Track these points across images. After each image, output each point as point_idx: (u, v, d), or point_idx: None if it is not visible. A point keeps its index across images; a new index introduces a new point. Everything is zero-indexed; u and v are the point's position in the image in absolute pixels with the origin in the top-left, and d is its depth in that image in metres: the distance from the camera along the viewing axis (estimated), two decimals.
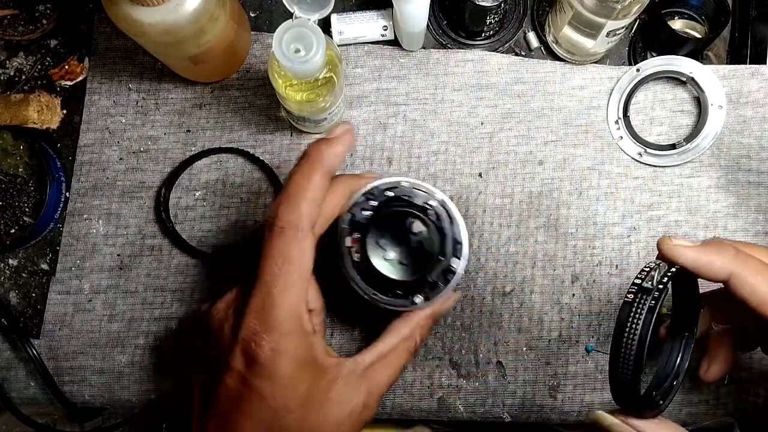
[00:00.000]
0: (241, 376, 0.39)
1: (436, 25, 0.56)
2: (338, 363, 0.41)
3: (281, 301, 0.38)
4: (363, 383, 0.41)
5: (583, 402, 0.52)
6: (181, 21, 0.43)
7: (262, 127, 0.56)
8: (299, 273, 0.39)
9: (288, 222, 0.38)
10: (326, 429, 0.40)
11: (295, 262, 0.38)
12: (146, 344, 0.54)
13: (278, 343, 0.38)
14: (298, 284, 0.39)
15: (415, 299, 0.43)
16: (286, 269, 0.38)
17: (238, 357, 0.38)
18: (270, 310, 0.38)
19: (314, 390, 0.39)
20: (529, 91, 0.55)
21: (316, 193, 0.39)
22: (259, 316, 0.38)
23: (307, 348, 0.39)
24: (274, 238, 0.38)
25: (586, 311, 0.53)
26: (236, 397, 0.39)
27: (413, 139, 0.55)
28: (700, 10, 0.55)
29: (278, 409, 0.38)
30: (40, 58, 0.57)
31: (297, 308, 0.39)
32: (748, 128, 0.54)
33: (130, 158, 0.56)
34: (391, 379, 0.43)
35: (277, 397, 0.38)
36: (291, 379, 0.38)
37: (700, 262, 0.37)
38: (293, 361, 0.39)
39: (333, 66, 0.46)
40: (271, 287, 0.38)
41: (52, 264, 0.55)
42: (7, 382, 0.54)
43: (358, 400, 0.41)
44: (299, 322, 0.39)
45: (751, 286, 0.36)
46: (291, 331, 0.38)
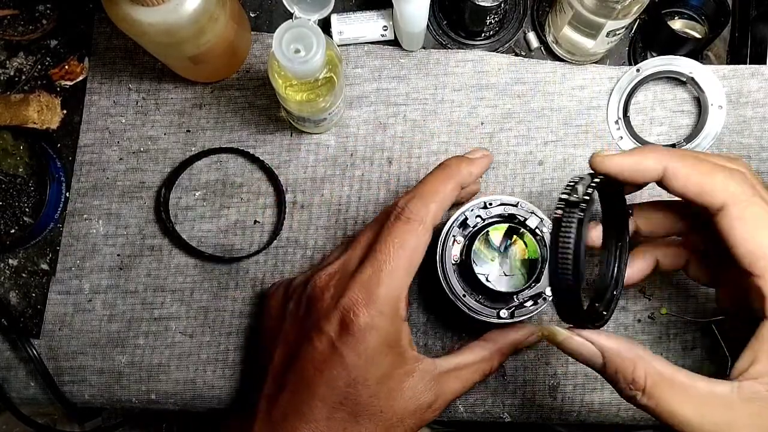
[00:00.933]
0: (330, 341, 0.41)
1: (436, 25, 0.56)
2: (418, 358, 0.43)
3: (387, 281, 0.41)
4: (435, 385, 0.43)
5: (583, 402, 0.52)
6: (181, 21, 0.43)
7: (262, 127, 0.56)
8: (410, 261, 0.42)
9: (415, 215, 0.42)
10: (392, 415, 0.42)
11: (410, 250, 0.41)
12: (146, 344, 0.54)
13: (374, 318, 0.41)
14: (406, 271, 0.41)
15: (501, 312, 0.44)
16: (399, 254, 0.41)
17: (334, 323, 0.41)
18: (375, 287, 0.41)
19: (392, 374, 0.42)
20: (529, 91, 0.55)
21: (445, 199, 0.43)
22: (364, 289, 0.41)
23: (396, 332, 0.42)
24: (398, 225, 0.42)
25: None
26: (320, 361, 0.41)
27: (413, 139, 0.55)
28: (700, 10, 0.55)
29: (356, 381, 0.41)
30: (40, 58, 0.57)
31: (398, 292, 0.41)
32: (748, 128, 0.54)
33: (130, 158, 0.56)
34: (460, 392, 0.45)
35: (358, 370, 0.41)
36: (375, 357, 0.41)
37: (631, 163, 0.37)
38: (382, 341, 0.41)
39: (333, 66, 0.46)
40: (382, 265, 0.41)
41: (52, 264, 0.55)
42: (7, 382, 0.54)
43: (426, 399, 0.43)
44: (396, 305, 0.42)
45: (685, 176, 0.36)
46: (387, 312, 0.41)
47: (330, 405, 0.41)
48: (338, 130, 0.55)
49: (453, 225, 0.44)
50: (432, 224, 0.42)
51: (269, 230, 0.55)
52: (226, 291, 0.54)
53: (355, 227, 0.54)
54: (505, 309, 0.44)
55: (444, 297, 0.46)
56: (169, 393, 0.54)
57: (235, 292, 0.54)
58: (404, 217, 0.42)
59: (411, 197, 0.43)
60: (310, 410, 0.41)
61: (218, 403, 0.54)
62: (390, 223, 0.42)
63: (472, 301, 0.45)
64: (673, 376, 0.35)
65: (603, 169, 0.38)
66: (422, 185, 0.43)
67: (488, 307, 0.45)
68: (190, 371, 0.53)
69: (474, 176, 0.45)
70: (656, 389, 0.35)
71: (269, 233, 0.55)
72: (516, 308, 0.45)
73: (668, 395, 0.34)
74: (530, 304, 0.44)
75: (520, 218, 0.45)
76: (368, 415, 0.42)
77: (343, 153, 0.55)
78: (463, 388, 0.45)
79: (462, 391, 0.45)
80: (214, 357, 0.54)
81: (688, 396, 0.34)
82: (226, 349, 0.54)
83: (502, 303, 0.45)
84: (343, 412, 0.41)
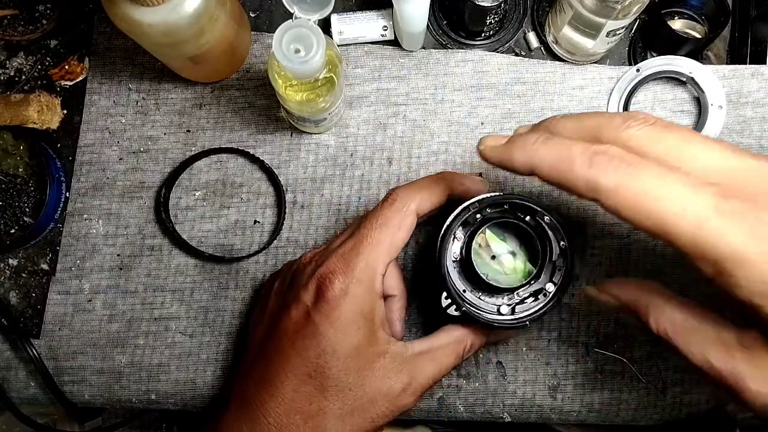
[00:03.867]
0: (306, 309, 0.42)
1: (436, 25, 0.56)
2: (389, 340, 0.43)
3: (366, 253, 0.42)
4: (407, 367, 0.43)
5: (583, 402, 0.52)
6: (181, 21, 0.43)
7: (262, 127, 0.56)
8: (391, 239, 0.43)
9: (401, 199, 0.43)
10: (362, 395, 0.42)
11: (392, 228, 0.43)
12: (146, 344, 0.54)
13: (349, 286, 0.41)
14: (386, 247, 0.42)
15: (501, 309, 0.44)
16: (381, 230, 0.43)
17: (311, 291, 0.42)
18: (354, 257, 0.42)
19: (363, 351, 0.42)
20: (529, 91, 0.55)
21: (433, 194, 0.44)
22: (343, 259, 0.42)
23: (371, 305, 0.42)
24: (383, 206, 0.44)
25: (586, 311, 0.53)
26: (294, 331, 0.42)
27: (413, 139, 0.55)
28: (700, 10, 0.55)
29: (325, 352, 0.41)
30: (40, 58, 0.57)
31: (376, 264, 0.42)
32: (748, 128, 0.54)
33: (130, 158, 0.56)
34: (435, 374, 0.44)
35: (329, 339, 0.41)
36: (348, 326, 0.41)
37: (504, 160, 0.37)
38: (356, 310, 0.42)
39: (333, 66, 0.46)
40: (363, 239, 0.42)
41: (52, 264, 0.55)
42: (7, 382, 0.54)
43: (398, 381, 0.43)
44: (373, 277, 0.42)
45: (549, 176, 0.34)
46: (364, 282, 0.42)
47: (299, 377, 0.41)
48: (338, 130, 0.55)
49: (454, 222, 0.44)
50: (416, 210, 0.43)
51: (269, 230, 0.55)
52: (226, 291, 0.54)
53: None
54: (505, 305, 0.44)
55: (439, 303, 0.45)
56: (169, 393, 0.54)
57: (235, 292, 0.54)
58: (390, 200, 0.44)
59: (400, 186, 0.45)
60: (280, 382, 0.42)
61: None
62: (377, 206, 0.44)
63: (473, 296, 0.45)
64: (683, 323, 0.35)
65: (485, 160, 0.38)
66: (415, 181, 0.46)
67: (489, 303, 0.45)
68: (190, 371, 0.53)
69: (465, 187, 0.45)
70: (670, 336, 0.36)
71: (269, 233, 0.55)
72: (517, 304, 0.44)
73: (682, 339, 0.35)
74: (531, 300, 0.44)
75: (519, 215, 0.45)
76: (336, 390, 0.41)
77: (343, 153, 0.55)
78: (438, 371, 0.44)
79: (437, 375, 0.44)
80: (214, 357, 0.54)
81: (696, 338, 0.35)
82: (226, 349, 0.54)
83: (502, 299, 0.45)
84: (310, 386, 0.41)
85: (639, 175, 0.31)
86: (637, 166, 0.32)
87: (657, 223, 0.31)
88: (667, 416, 0.52)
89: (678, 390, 0.52)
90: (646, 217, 0.31)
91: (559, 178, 0.33)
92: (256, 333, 0.47)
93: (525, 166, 0.35)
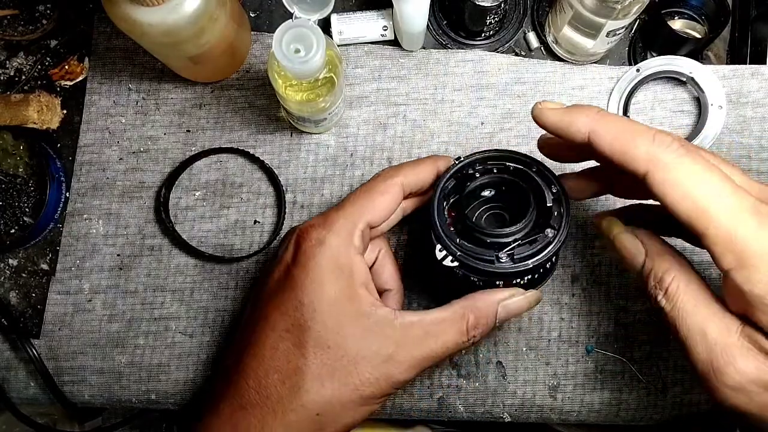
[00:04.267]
0: (287, 266, 0.42)
1: (436, 25, 0.56)
2: (374, 303, 0.42)
3: (346, 208, 0.43)
4: (395, 334, 0.40)
5: (583, 402, 0.52)
6: (181, 21, 0.43)
7: (262, 127, 0.56)
8: (372, 200, 0.43)
9: (386, 173, 0.44)
10: (342, 354, 0.40)
11: (375, 192, 0.43)
12: (146, 344, 0.54)
13: (325, 236, 0.41)
14: (367, 208, 0.43)
15: (500, 255, 0.40)
16: (364, 194, 0.43)
17: (290, 249, 0.43)
18: (332, 214, 0.43)
19: (343, 306, 0.41)
20: (529, 91, 0.55)
21: (420, 171, 0.45)
22: (322, 216, 0.43)
23: (347, 257, 0.42)
24: (370, 180, 0.44)
25: (586, 311, 0.53)
26: (274, 289, 0.42)
27: (413, 139, 0.55)
28: (700, 10, 0.55)
29: (303, 303, 0.40)
30: (40, 58, 0.57)
31: (355, 219, 0.42)
32: (748, 128, 0.54)
33: (130, 158, 0.56)
34: (432, 349, 0.41)
35: (306, 290, 0.41)
36: (324, 277, 0.41)
37: (563, 122, 0.37)
38: (332, 260, 0.41)
39: (333, 66, 0.46)
40: (345, 201, 0.43)
41: (52, 264, 0.55)
42: (7, 382, 0.54)
43: (383, 348, 0.40)
44: (351, 231, 0.42)
45: (610, 141, 0.35)
46: (340, 234, 0.42)
47: (277, 332, 0.41)
48: (338, 130, 0.55)
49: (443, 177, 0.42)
50: (400, 183, 0.44)
51: (269, 230, 0.55)
52: (226, 291, 0.54)
53: None
54: (504, 254, 0.41)
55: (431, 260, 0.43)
56: (169, 393, 0.54)
57: (235, 292, 0.54)
58: (376, 175, 0.45)
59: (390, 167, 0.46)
60: (260, 342, 0.41)
61: None
62: None
63: (468, 245, 0.41)
64: (697, 291, 0.36)
65: (539, 121, 0.39)
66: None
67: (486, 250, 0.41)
68: (190, 371, 0.53)
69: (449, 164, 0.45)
70: (676, 295, 0.36)
71: (269, 233, 0.55)
72: (515, 251, 0.41)
73: (684, 303, 0.35)
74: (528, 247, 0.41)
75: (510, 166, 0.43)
76: (314, 346, 0.40)
77: (343, 153, 0.55)
78: (435, 346, 0.41)
79: (436, 349, 0.41)
80: (213, 357, 0.54)
81: (701, 312, 0.35)
82: (226, 349, 0.54)
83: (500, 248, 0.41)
84: (288, 342, 0.40)
85: (694, 160, 0.33)
86: (694, 153, 0.34)
87: (696, 206, 0.33)
88: (667, 416, 0.52)
89: (678, 390, 0.52)
90: (686, 197, 0.33)
91: (619, 147, 0.35)
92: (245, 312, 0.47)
93: (585, 130, 0.36)
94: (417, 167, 0.45)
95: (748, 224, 0.32)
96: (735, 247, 0.32)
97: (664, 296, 0.36)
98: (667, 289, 0.36)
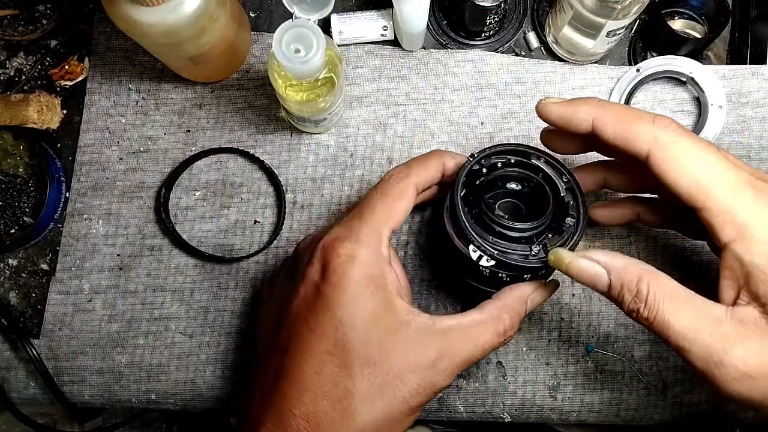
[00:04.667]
0: (315, 285, 0.40)
1: (436, 25, 0.56)
2: (411, 311, 0.40)
3: (369, 218, 0.41)
4: (434, 341, 0.40)
5: (583, 402, 0.52)
6: (181, 21, 0.43)
7: (262, 127, 0.56)
8: (392, 206, 0.42)
9: (397, 173, 0.43)
10: (388, 369, 0.39)
11: (391, 197, 0.42)
12: (146, 344, 0.54)
13: (354, 249, 0.39)
14: (389, 214, 0.41)
15: (533, 248, 0.41)
16: (382, 199, 0.42)
17: (316, 265, 0.40)
18: (356, 223, 0.41)
19: (382, 319, 0.39)
20: (529, 91, 0.55)
21: (429, 167, 0.44)
22: (344, 227, 0.41)
23: (380, 270, 0.40)
24: (382, 181, 0.43)
25: (586, 311, 0.53)
26: (306, 309, 0.40)
27: (413, 139, 0.55)
28: (700, 10, 0.55)
29: (342, 323, 0.38)
30: (40, 58, 0.57)
31: (380, 228, 0.41)
32: (748, 128, 0.54)
33: (130, 158, 0.56)
34: (471, 352, 0.41)
35: (344, 308, 0.39)
36: (359, 292, 0.39)
37: (567, 113, 0.39)
38: (365, 274, 0.39)
39: (333, 66, 0.46)
40: (363, 209, 0.42)
41: (52, 264, 0.55)
42: (7, 382, 0.54)
43: (427, 355, 0.39)
44: (378, 240, 0.41)
45: (612, 125, 0.37)
46: (369, 245, 0.40)
47: (319, 357, 0.38)
48: (338, 130, 0.55)
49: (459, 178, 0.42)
50: (414, 181, 0.43)
51: (269, 230, 0.55)
52: (226, 291, 0.54)
53: None
54: (534, 245, 0.41)
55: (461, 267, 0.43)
56: (169, 393, 0.54)
57: (235, 292, 0.54)
58: (387, 175, 0.44)
59: (396, 165, 0.45)
60: (299, 367, 0.39)
61: (218, 403, 0.54)
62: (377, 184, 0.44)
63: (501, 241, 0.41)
64: (675, 291, 0.36)
65: (544, 116, 0.40)
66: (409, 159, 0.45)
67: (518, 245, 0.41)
68: (190, 371, 0.53)
69: (456, 161, 0.45)
70: (656, 302, 0.36)
71: (269, 233, 0.55)
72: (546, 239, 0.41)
73: (666, 307, 0.35)
74: (555, 236, 0.42)
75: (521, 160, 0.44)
76: (360, 365, 0.38)
77: (343, 153, 0.55)
78: (475, 350, 0.41)
79: (474, 352, 0.41)
80: (213, 357, 0.54)
81: (686, 310, 0.35)
82: (226, 349, 0.54)
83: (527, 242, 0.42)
84: (332, 365, 0.38)
85: (692, 139, 0.35)
86: (692, 135, 0.35)
87: (696, 182, 0.34)
88: (667, 416, 0.52)
89: (678, 390, 0.52)
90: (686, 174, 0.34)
91: (621, 129, 0.36)
92: (265, 330, 0.44)
93: (589, 118, 0.38)
94: (426, 165, 0.44)
95: (746, 197, 0.33)
96: (734, 219, 0.33)
97: (645, 307, 0.36)
98: (646, 299, 0.36)
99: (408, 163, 0.44)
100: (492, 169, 0.44)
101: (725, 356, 0.33)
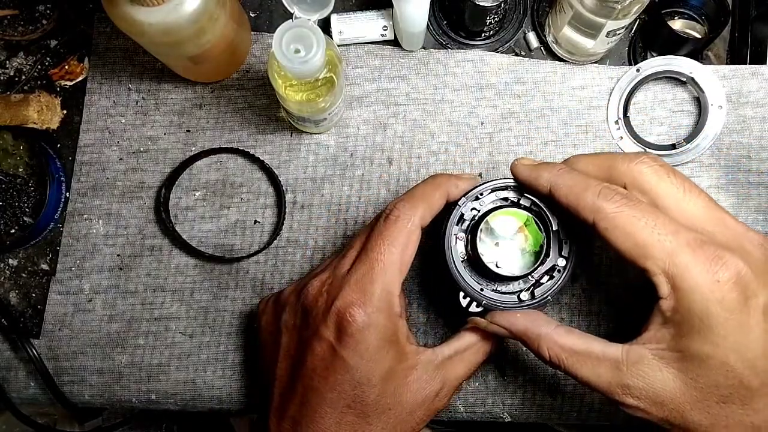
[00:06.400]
0: (330, 346, 0.42)
1: (436, 25, 0.56)
2: (418, 351, 0.44)
3: (381, 278, 0.42)
4: (439, 374, 0.44)
5: (583, 402, 0.52)
6: (180, 21, 0.43)
7: (262, 127, 0.56)
8: (401, 258, 0.43)
9: (403, 214, 0.43)
10: (401, 411, 0.43)
11: (400, 246, 0.43)
12: (146, 344, 0.54)
13: (370, 316, 0.41)
14: (398, 267, 0.43)
15: (521, 295, 0.44)
16: (391, 251, 0.42)
17: (331, 327, 0.42)
18: (369, 285, 0.42)
19: (395, 370, 0.43)
20: (529, 91, 0.55)
21: (433, 203, 0.44)
22: (358, 288, 0.42)
23: (393, 328, 0.43)
24: (387, 225, 0.43)
25: (586, 311, 0.53)
26: (323, 368, 0.42)
27: (413, 139, 0.55)
28: (700, 10, 0.55)
29: (361, 383, 0.42)
30: (40, 58, 0.57)
31: (391, 287, 0.42)
32: (748, 128, 0.54)
33: (130, 158, 0.56)
34: (465, 374, 0.45)
35: (362, 370, 0.41)
36: (376, 355, 0.42)
37: (531, 177, 0.42)
38: (380, 338, 0.42)
39: (333, 66, 0.46)
40: (374, 263, 0.42)
41: (52, 264, 0.55)
42: (7, 382, 0.54)
43: (432, 389, 0.43)
44: (390, 300, 0.42)
45: (564, 195, 0.40)
46: (383, 308, 0.42)
47: (338, 410, 0.42)
48: (338, 130, 0.55)
49: (451, 223, 0.44)
50: (420, 224, 0.43)
51: (269, 230, 0.55)
52: (226, 291, 0.54)
53: (355, 227, 0.54)
54: (524, 291, 0.44)
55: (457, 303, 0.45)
56: (169, 393, 0.54)
57: (235, 292, 0.54)
58: (393, 217, 0.43)
59: (399, 200, 0.44)
60: (320, 418, 0.42)
61: (218, 403, 0.54)
62: (379, 224, 0.43)
63: (491, 292, 0.44)
64: (572, 345, 0.40)
65: (514, 174, 0.44)
66: (410, 191, 0.45)
67: (507, 294, 0.44)
68: (190, 371, 0.54)
69: (460, 189, 0.45)
70: (559, 359, 0.40)
71: (269, 233, 0.55)
72: (534, 287, 0.44)
73: (570, 362, 0.40)
74: (546, 280, 0.44)
75: (513, 200, 0.44)
76: (377, 413, 0.42)
77: (343, 153, 0.55)
78: (469, 371, 0.45)
79: (469, 373, 0.45)
80: (214, 357, 0.54)
81: (586, 362, 0.39)
82: (226, 349, 0.54)
83: (519, 285, 0.45)
84: (351, 415, 0.42)
85: (635, 209, 0.38)
86: (635, 203, 0.38)
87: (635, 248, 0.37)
88: None
89: None
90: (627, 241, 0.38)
91: (572, 199, 0.40)
92: (277, 370, 0.45)
93: (547, 184, 0.41)
94: (431, 203, 0.44)
95: (682, 260, 0.36)
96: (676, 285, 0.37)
97: (549, 362, 0.41)
98: (550, 359, 0.41)
99: (413, 203, 0.44)
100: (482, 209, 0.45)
101: (623, 397, 0.38)
